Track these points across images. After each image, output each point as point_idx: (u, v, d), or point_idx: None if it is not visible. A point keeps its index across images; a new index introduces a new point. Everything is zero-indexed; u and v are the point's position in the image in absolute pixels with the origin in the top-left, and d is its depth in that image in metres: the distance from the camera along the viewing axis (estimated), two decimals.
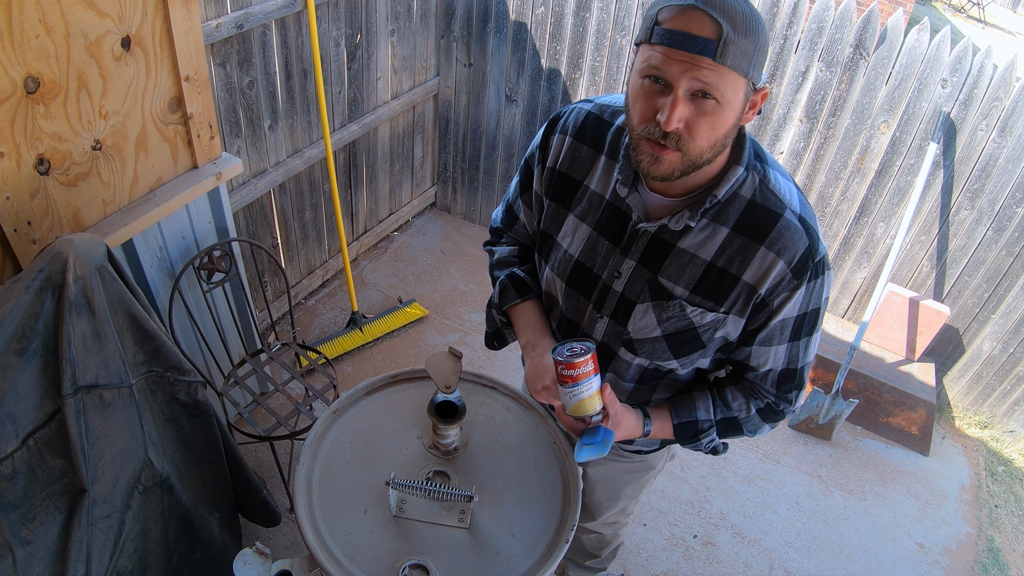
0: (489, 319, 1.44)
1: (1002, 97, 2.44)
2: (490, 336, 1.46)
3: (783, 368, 1.19)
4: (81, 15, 1.45)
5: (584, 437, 1.18)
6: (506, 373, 2.95)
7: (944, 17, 8.91)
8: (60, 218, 1.60)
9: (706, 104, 0.92)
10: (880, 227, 2.86)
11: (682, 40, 0.89)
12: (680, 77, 0.90)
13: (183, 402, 1.66)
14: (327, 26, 2.57)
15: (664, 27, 0.91)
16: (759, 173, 1.07)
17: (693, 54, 0.89)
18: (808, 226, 1.06)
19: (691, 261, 1.09)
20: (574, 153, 1.19)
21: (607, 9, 2.84)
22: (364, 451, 1.36)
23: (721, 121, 0.94)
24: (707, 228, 1.07)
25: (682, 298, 1.11)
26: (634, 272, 1.14)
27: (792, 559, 2.44)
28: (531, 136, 3.32)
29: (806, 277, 1.06)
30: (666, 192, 1.09)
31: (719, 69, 0.89)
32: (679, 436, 1.29)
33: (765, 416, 1.26)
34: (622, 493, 1.64)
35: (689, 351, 1.17)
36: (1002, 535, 2.68)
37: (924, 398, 2.81)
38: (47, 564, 1.35)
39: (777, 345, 1.15)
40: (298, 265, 3.01)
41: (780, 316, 1.10)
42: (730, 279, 1.08)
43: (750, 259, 1.06)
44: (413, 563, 1.19)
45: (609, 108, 1.18)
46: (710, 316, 1.11)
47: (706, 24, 0.88)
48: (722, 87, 0.91)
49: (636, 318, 1.16)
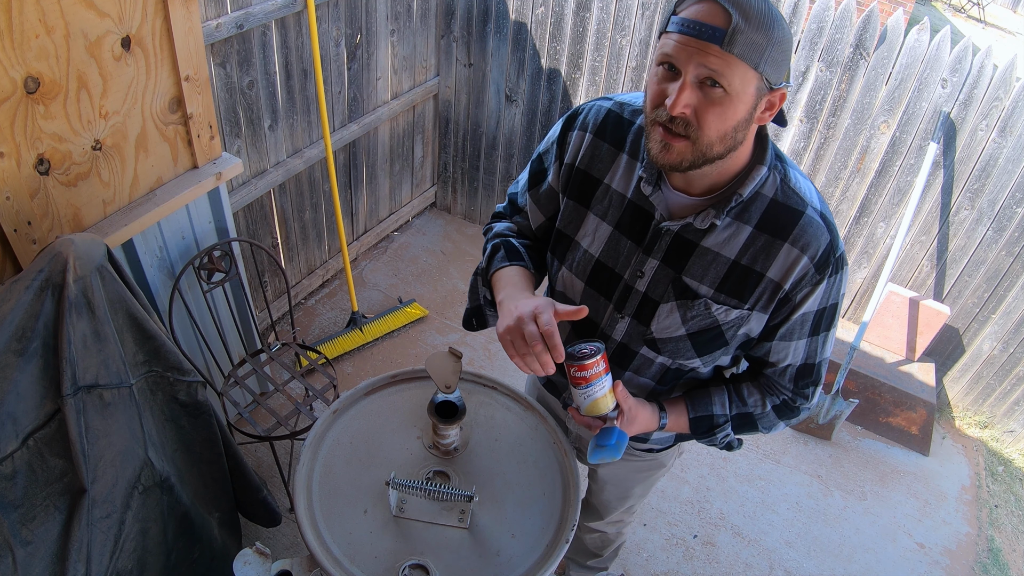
0: (472, 292, 1.36)
1: (1002, 97, 2.44)
2: (469, 313, 1.38)
3: (801, 364, 1.20)
4: (81, 15, 1.45)
5: (598, 438, 1.17)
6: (506, 373, 2.95)
7: (944, 17, 8.91)
8: (60, 218, 1.60)
9: (714, 92, 0.94)
10: (880, 227, 2.86)
11: (692, 27, 0.92)
12: (688, 63, 0.93)
13: (183, 402, 1.66)
14: (327, 26, 2.57)
15: (679, 15, 0.94)
16: (780, 172, 1.08)
17: (701, 40, 0.91)
18: (828, 222, 1.08)
19: (715, 260, 1.10)
20: (594, 150, 1.18)
21: (607, 9, 2.84)
22: (364, 451, 1.36)
23: (730, 112, 0.95)
24: (730, 227, 1.08)
25: (707, 297, 1.12)
26: (657, 272, 1.14)
27: (792, 559, 2.44)
28: (531, 136, 3.32)
29: (828, 272, 1.08)
30: (688, 191, 1.09)
31: (726, 57, 0.91)
32: (694, 430, 1.29)
33: (780, 413, 1.26)
34: (632, 492, 1.64)
35: (712, 349, 1.17)
36: (1002, 535, 2.68)
37: (924, 398, 2.81)
38: (47, 564, 1.35)
39: (797, 340, 1.16)
40: (298, 265, 3.01)
41: (801, 311, 1.11)
42: (755, 276, 1.09)
43: (774, 256, 1.07)
44: (413, 563, 1.19)
45: (629, 106, 1.18)
46: (735, 313, 1.12)
47: (718, 14, 0.91)
48: (729, 76, 0.92)
49: (660, 318, 1.16)
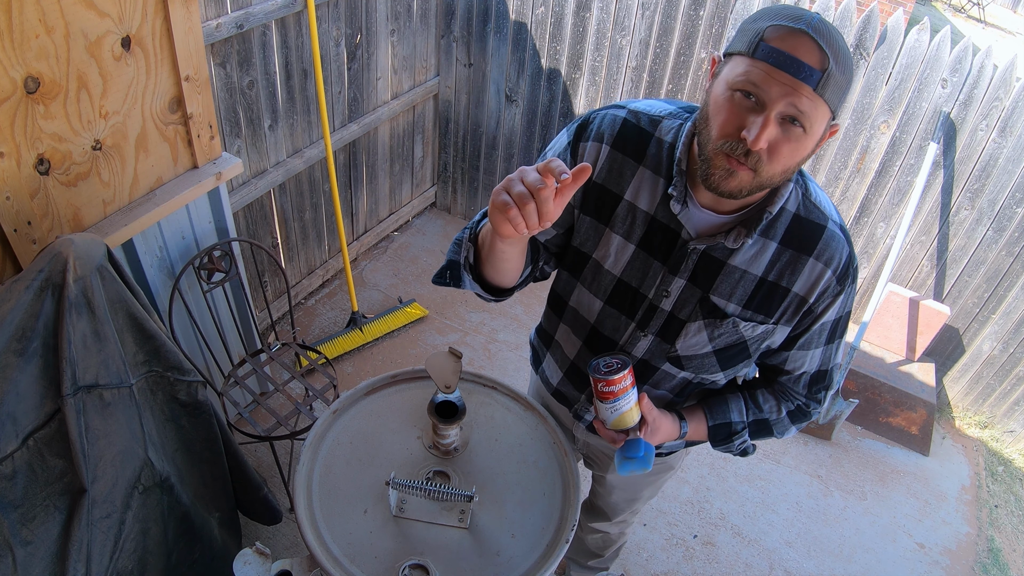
0: (455, 248, 1.16)
1: (1002, 97, 2.43)
2: (445, 267, 1.18)
3: (816, 370, 1.21)
4: (81, 15, 1.45)
5: (625, 451, 1.15)
6: (506, 373, 2.95)
7: (944, 17, 8.91)
8: (60, 218, 1.60)
9: (793, 131, 0.91)
10: (880, 227, 2.86)
11: (789, 63, 0.87)
12: (779, 100, 0.89)
13: (183, 402, 1.66)
14: (327, 26, 2.57)
15: (771, 44, 0.88)
16: (801, 187, 1.08)
17: (797, 79, 0.87)
18: (847, 234, 1.09)
19: (743, 277, 1.09)
20: (611, 163, 1.12)
21: (607, 9, 2.84)
22: (364, 451, 1.36)
23: (801, 150, 0.94)
24: (757, 243, 1.07)
25: (735, 315, 1.11)
26: (684, 291, 1.12)
27: (792, 559, 2.44)
28: (531, 136, 3.32)
29: (847, 283, 1.09)
30: (716, 209, 1.06)
31: (816, 100, 0.89)
32: (713, 437, 1.29)
33: (794, 418, 1.27)
34: (640, 495, 1.65)
35: (736, 363, 1.18)
36: (1002, 535, 2.68)
37: (924, 398, 2.81)
38: (47, 564, 1.35)
39: (815, 349, 1.17)
40: (298, 265, 3.01)
41: (821, 321, 1.12)
42: (781, 291, 1.09)
43: (800, 271, 1.07)
44: (413, 563, 1.19)
45: (646, 116, 1.11)
46: (761, 328, 1.12)
47: (814, 52, 0.87)
48: (813, 117, 0.90)
49: (687, 336, 1.15)
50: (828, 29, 0.88)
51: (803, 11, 0.90)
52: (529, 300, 3.33)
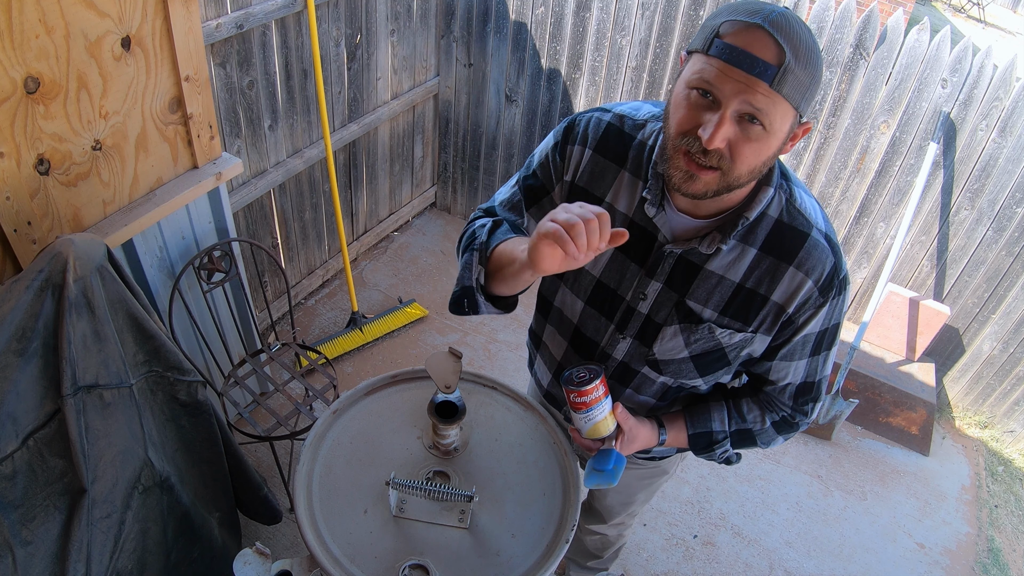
0: (465, 271, 1.13)
1: (1002, 97, 2.44)
2: (459, 295, 1.14)
3: (801, 382, 1.18)
4: (81, 15, 1.45)
5: (595, 462, 1.15)
6: (506, 373, 2.95)
7: (944, 17, 8.91)
8: (60, 218, 1.60)
9: (752, 129, 0.89)
10: (880, 227, 2.86)
11: (742, 59, 0.85)
12: (732, 97, 0.87)
13: (183, 402, 1.66)
14: (327, 26, 2.57)
15: (725, 41, 0.86)
16: (785, 192, 1.05)
17: (751, 75, 0.85)
18: (833, 244, 1.05)
19: (720, 283, 1.07)
20: (594, 167, 1.12)
21: (607, 9, 2.84)
22: (364, 451, 1.36)
23: (764, 149, 0.91)
24: (735, 249, 1.05)
25: (711, 321, 1.09)
26: (660, 295, 1.11)
27: (792, 559, 2.44)
28: (531, 136, 3.32)
29: (831, 295, 1.06)
30: (693, 213, 1.05)
31: (773, 96, 0.86)
32: (693, 446, 1.28)
33: (780, 429, 1.25)
34: (635, 498, 1.65)
35: (715, 369, 1.17)
36: (1002, 535, 2.68)
37: (924, 398, 2.81)
38: (47, 564, 1.35)
39: (798, 360, 1.14)
40: (298, 265, 3.01)
41: (803, 332, 1.09)
42: (759, 299, 1.07)
43: (779, 279, 1.05)
44: (413, 563, 1.19)
45: (630, 119, 1.11)
46: (738, 336, 1.10)
47: (769, 47, 0.84)
48: (772, 115, 0.87)
49: (663, 340, 1.14)
50: (788, 23, 0.85)
51: (763, 5, 0.87)
52: (529, 300, 3.31)
